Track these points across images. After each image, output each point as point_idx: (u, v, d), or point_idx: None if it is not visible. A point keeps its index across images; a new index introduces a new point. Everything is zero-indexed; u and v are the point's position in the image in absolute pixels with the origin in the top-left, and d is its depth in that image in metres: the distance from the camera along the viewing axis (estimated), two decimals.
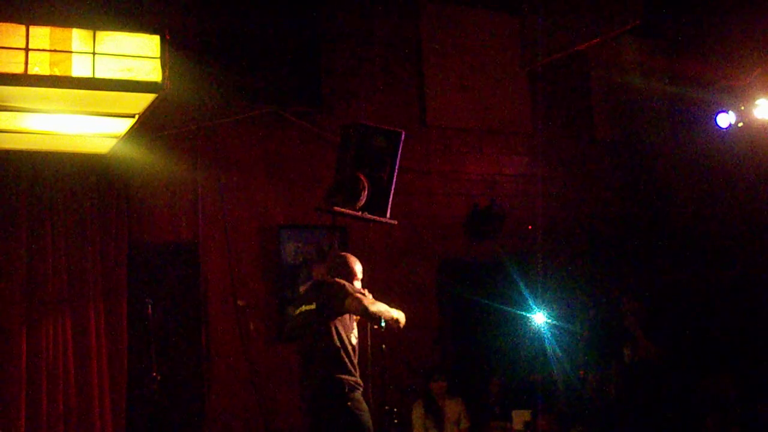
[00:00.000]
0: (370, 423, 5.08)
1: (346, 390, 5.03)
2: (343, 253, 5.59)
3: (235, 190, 7.36)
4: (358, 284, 5.29)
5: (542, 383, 7.61)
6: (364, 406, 5.09)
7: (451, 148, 8.50)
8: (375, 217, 5.89)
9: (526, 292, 7.80)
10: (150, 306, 6.24)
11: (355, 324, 5.28)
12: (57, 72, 4.88)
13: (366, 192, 5.76)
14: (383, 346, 6.36)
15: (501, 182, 8.67)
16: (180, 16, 6.67)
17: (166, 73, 5.07)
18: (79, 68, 4.95)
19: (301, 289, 7.06)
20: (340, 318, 5.11)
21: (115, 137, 6.11)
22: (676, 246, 8.91)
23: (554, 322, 7.64)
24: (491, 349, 8.10)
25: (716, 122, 7.97)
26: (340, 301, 5.02)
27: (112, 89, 5.05)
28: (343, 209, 5.75)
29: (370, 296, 5.22)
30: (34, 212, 6.51)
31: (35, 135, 5.89)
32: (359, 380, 5.14)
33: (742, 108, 7.76)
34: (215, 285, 7.20)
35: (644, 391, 7.20)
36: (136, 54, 5.06)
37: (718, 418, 7.00)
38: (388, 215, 5.95)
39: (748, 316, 8.11)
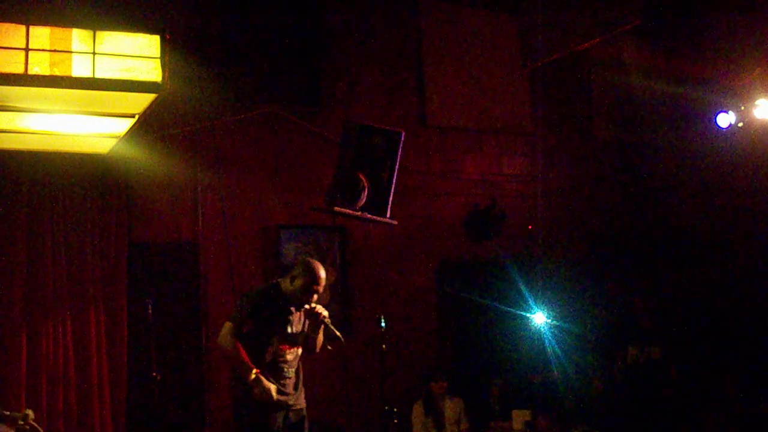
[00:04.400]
0: None
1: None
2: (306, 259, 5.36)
3: (235, 190, 7.35)
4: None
5: (542, 383, 7.61)
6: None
7: (451, 148, 8.50)
8: (375, 217, 5.89)
9: (526, 292, 7.80)
10: (150, 306, 6.25)
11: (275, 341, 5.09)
12: (57, 72, 4.87)
13: (366, 192, 5.76)
14: (383, 346, 6.37)
15: (501, 182, 8.67)
16: (180, 16, 6.66)
17: (166, 73, 5.06)
18: (79, 68, 4.94)
19: None
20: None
21: (115, 137, 6.10)
22: (676, 246, 8.91)
23: (554, 322, 7.64)
24: (491, 349, 8.10)
25: (716, 122, 7.97)
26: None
27: (112, 89, 5.04)
28: (343, 209, 5.74)
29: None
30: (34, 212, 6.51)
31: (35, 135, 5.89)
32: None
33: (742, 108, 7.76)
34: (215, 285, 7.20)
35: (646, 390, 7.21)
36: (136, 54, 5.05)
37: (718, 418, 7.00)
38: (388, 215, 5.95)
39: (748, 315, 8.11)
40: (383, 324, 6.44)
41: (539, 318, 7.64)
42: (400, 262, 8.04)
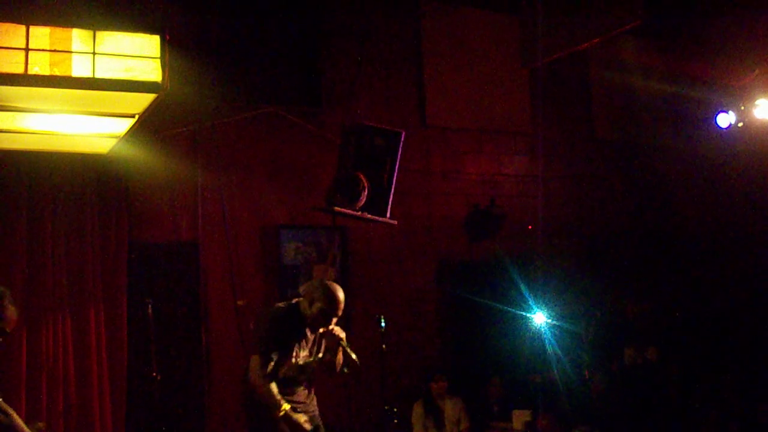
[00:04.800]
0: None
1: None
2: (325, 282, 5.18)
3: (235, 190, 7.36)
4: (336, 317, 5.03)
5: (542, 383, 7.61)
6: None
7: (451, 148, 8.51)
8: (375, 217, 5.89)
9: (526, 292, 7.80)
10: (150, 306, 6.26)
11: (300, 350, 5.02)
12: (57, 72, 4.87)
13: (366, 192, 5.76)
14: (383, 346, 6.38)
15: (501, 182, 8.68)
16: (180, 16, 6.66)
17: (166, 73, 5.06)
18: (79, 68, 4.93)
19: (300, 289, 7.04)
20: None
21: (115, 137, 6.10)
22: (676, 245, 8.91)
23: (554, 322, 7.64)
24: (491, 349, 8.10)
25: (716, 122, 7.98)
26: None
27: (112, 89, 5.04)
28: (343, 209, 5.75)
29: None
30: (34, 212, 6.51)
31: (35, 135, 5.89)
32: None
33: (742, 108, 7.77)
34: (215, 285, 7.20)
35: (645, 391, 7.21)
36: (136, 54, 5.05)
37: (718, 417, 7.01)
38: (388, 215, 5.95)
39: (748, 315, 8.12)
40: (383, 324, 6.45)
41: (539, 318, 7.64)
42: (400, 262, 8.04)
